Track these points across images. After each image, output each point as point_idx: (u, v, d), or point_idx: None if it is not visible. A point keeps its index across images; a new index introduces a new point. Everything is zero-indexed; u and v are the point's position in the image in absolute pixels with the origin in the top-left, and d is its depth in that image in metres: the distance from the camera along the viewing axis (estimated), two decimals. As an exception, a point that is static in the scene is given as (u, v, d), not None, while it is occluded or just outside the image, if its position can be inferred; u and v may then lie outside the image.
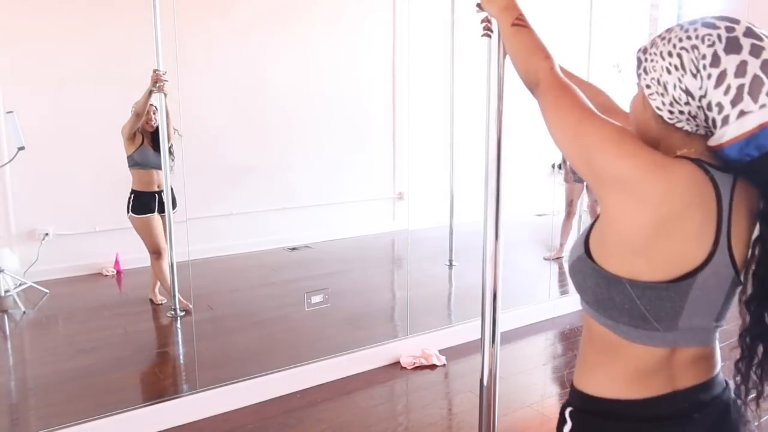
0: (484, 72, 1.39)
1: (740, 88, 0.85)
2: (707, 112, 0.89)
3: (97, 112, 3.77)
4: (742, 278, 0.91)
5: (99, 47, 3.88)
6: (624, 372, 0.96)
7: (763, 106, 0.84)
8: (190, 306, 3.63)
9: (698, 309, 0.91)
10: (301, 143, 5.07)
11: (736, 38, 0.86)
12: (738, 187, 0.89)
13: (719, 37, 0.87)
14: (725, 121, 0.86)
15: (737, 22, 0.88)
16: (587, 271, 0.96)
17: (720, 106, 0.86)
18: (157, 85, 3.44)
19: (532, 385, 3.10)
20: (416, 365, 3.21)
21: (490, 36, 1.39)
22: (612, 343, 0.97)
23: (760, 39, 0.86)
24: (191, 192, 3.69)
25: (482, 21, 1.41)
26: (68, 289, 3.92)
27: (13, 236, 3.76)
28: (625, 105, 1.14)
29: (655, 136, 0.97)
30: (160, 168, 3.62)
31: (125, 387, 2.96)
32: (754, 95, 0.84)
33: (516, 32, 1.19)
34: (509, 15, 1.21)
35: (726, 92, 0.86)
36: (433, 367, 3.22)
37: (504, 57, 1.35)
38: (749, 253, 0.89)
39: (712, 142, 0.90)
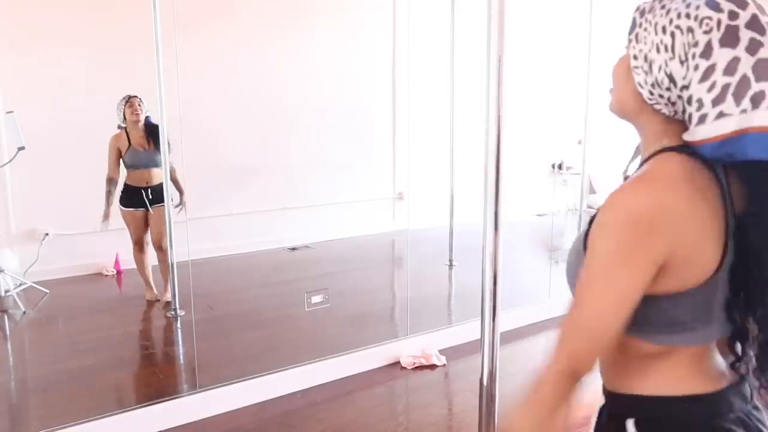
0: (484, 72, 1.39)
1: (725, 87, 0.79)
2: (686, 105, 0.84)
3: (97, 112, 3.77)
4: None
5: (99, 47, 3.88)
6: (682, 367, 0.90)
7: (744, 111, 0.78)
8: (167, 297, 3.74)
9: (722, 298, 0.87)
10: (302, 143, 5.08)
11: (736, 28, 0.78)
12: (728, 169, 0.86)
13: (719, 23, 0.79)
14: (702, 119, 0.81)
15: (745, 5, 0.80)
16: None
17: (700, 102, 0.81)
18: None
19: (532, 385, 3.10)
20: (416, 365, 3.21)
21: None
22: (652, 350, 0.91)
23: (763, 32, 0.79)
24: (191, 192, 3.69)
25: None
26: (68, 289, 3.92)
27: (13, 236, 3.76)
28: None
29: (631, 112, 0.92)
30: (151, 167, 3.67)
31: (125, 387, 2.97)
32: (738, 98, 0.78)
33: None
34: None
35: (710, 89, 0.80)
36: (433, 367, 3.22)
37: (503, 55, 1.35)
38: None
39: (686, 136, 0.85)
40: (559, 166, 5.30)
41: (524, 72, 4.26)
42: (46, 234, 3.77)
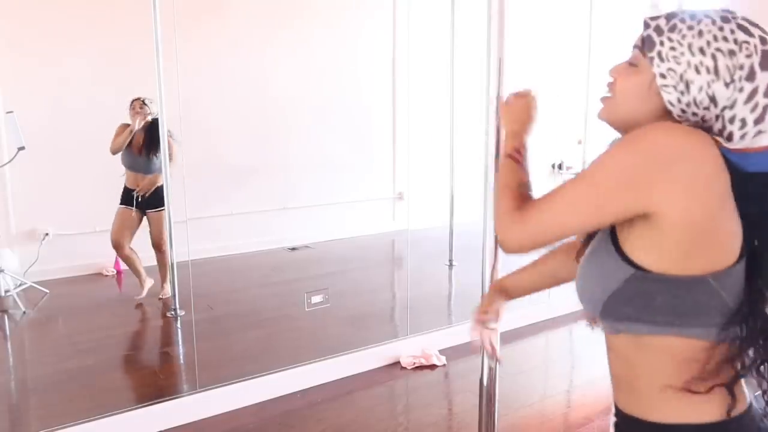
0: (484, 72, 1.39)
1: (765, 108, 0.84)
2: (727, 124, 0.86)
3: (97, 112, 3.77)
4: None
5: (99, 47, 3.88)
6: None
7: None
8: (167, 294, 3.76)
9: None
10: (301, 143, 5.07)
11: None
12: None
13: (756, 48, 0.84)
14: (743, 137, 0.85)
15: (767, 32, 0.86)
16: (653, 289, 0.86)
17: (743, 122, 0.84)
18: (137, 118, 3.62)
19: (532, 385, 3.10)
20: (416, 365, 3.21)
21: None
22: (697, 352, 0.88)
23: None
24: (191, 192, 3.69)
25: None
26: (68, 289, 3.92)
27: (13, 236, 3.76)
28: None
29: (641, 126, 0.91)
30: (141, 172, 3.73)
31: (125, 387, 2.97)
32: None
33: (506, 165, 1.17)
34: (511, 141, 1.22)
35: (753, 110, 0.84)
36: (433, 367, 3.22)
37: (503, 56, 1.35)
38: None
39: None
40: (559, 166, 5.30)
41: (524, 72, 4.25)
42: (46, 234, 3.77)
